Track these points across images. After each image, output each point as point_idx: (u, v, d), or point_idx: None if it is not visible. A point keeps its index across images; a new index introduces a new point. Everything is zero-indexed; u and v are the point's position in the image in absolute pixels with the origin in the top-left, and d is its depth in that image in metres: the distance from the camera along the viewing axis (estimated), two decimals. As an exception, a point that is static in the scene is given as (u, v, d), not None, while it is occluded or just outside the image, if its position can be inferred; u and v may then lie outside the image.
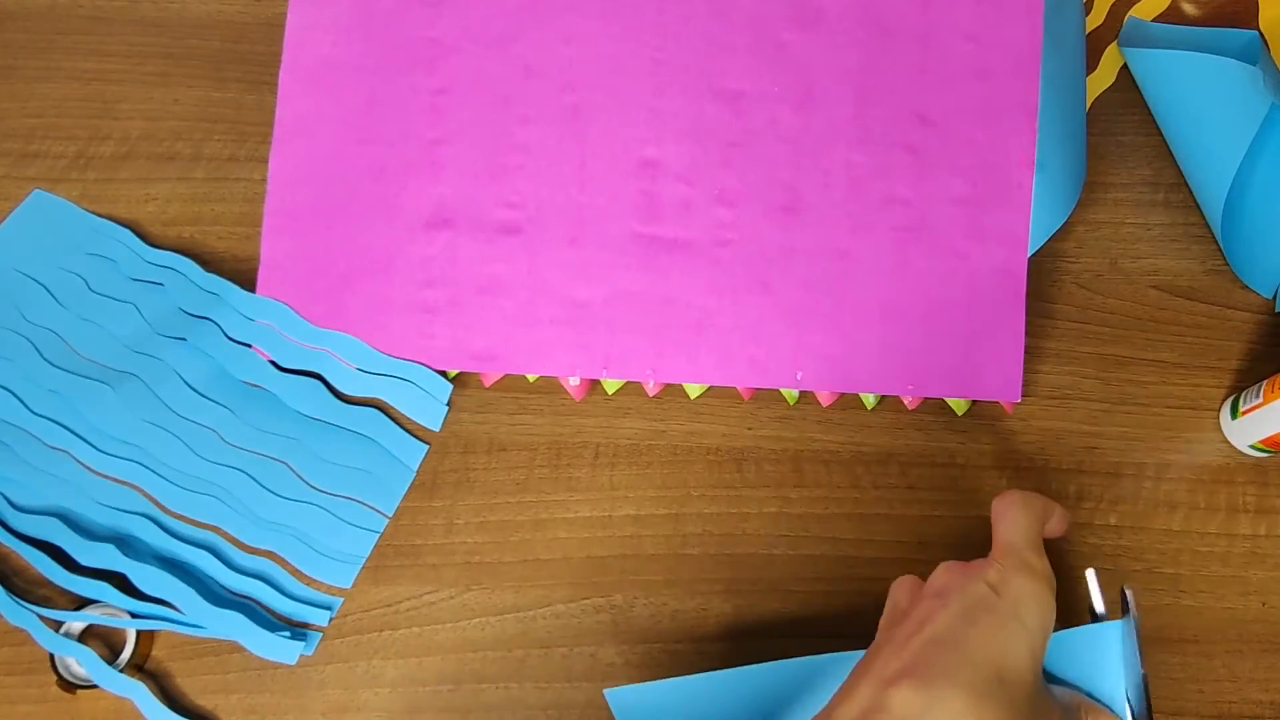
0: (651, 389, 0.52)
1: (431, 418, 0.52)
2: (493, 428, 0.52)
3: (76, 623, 0.48)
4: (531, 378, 0.52)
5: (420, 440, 0.52)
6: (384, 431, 0.52)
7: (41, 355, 0.52)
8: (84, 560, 0.48)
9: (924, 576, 0.42)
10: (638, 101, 0.51)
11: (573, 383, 0.52)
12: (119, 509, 0.50)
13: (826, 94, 0.50)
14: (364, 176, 0.52)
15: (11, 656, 0.49)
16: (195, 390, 0.52)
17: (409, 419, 0.52)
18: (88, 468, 0.50)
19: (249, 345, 0.53)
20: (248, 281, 0.53)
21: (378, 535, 0.51)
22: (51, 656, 0.48)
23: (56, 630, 0.48)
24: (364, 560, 0.50)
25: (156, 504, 0.50)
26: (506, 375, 0.52)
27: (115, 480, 0.50)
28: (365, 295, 0.51)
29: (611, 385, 0.52)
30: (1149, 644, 0.48)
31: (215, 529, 0.50)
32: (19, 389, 0.52)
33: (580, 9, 0.51)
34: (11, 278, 0.54)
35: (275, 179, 0.52)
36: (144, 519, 0.50)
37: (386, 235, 0.51)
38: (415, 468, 0.51)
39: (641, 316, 0.50)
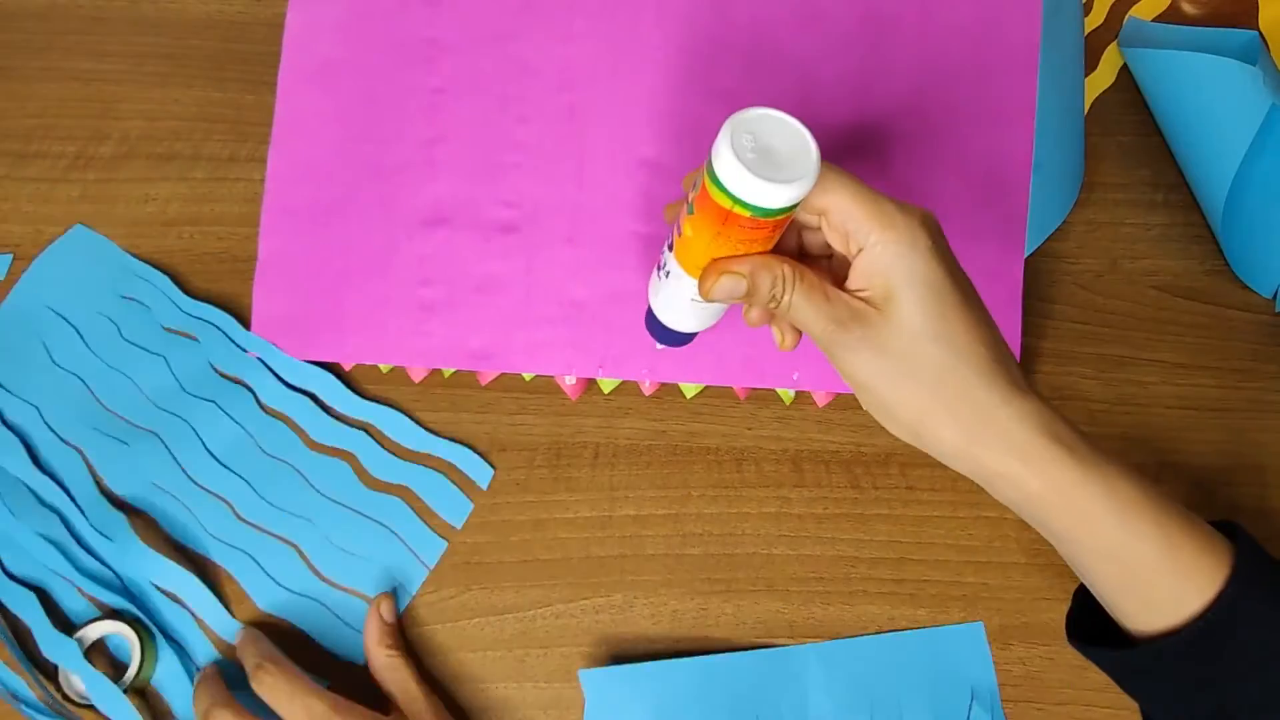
0: (648, 388, 0.52)
1: (456, 514, 0.51)
2: (492, 428, 0.52)
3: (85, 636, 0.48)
4: (528, 376, 0.52)
5: (440, 537, 0.50)
6: (405, 523, 0.50)
7: (63, 403, 0.52)
8: (46, 651, 0.47)
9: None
10: (636, 101, 0.51)
11: (569, 381, 0.52)
12: (98, 599, 0.49)
13: (824, 94, 0.50)
14: (362, 175, 0.52)
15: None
16: (215, 458, 0.51)
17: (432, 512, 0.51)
18: (77, 539, 0.49)
19: (284, 415, 0.52)
20: (246, 281, 0.53)
21: None
22: (55, 669, 0.47)
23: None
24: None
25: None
26: (503, 374, 0.52)
27: (100, 561, 0.49)
28: (362, 293, 0.51)
29: (607, 384, 0.52)
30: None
31: (201, 622, 0.49)
32: (34, 438, 0.51)
33: (579, 8, 0.51)
34: (43, 315, 0.53)
35: (273, 178, 0.52)
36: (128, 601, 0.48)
37: (384, 233, 0.51)
38: (431, 565, 0.50)
39: (638, 316, 0.50)
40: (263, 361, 0.52)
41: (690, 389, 0.52)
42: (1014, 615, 0.49)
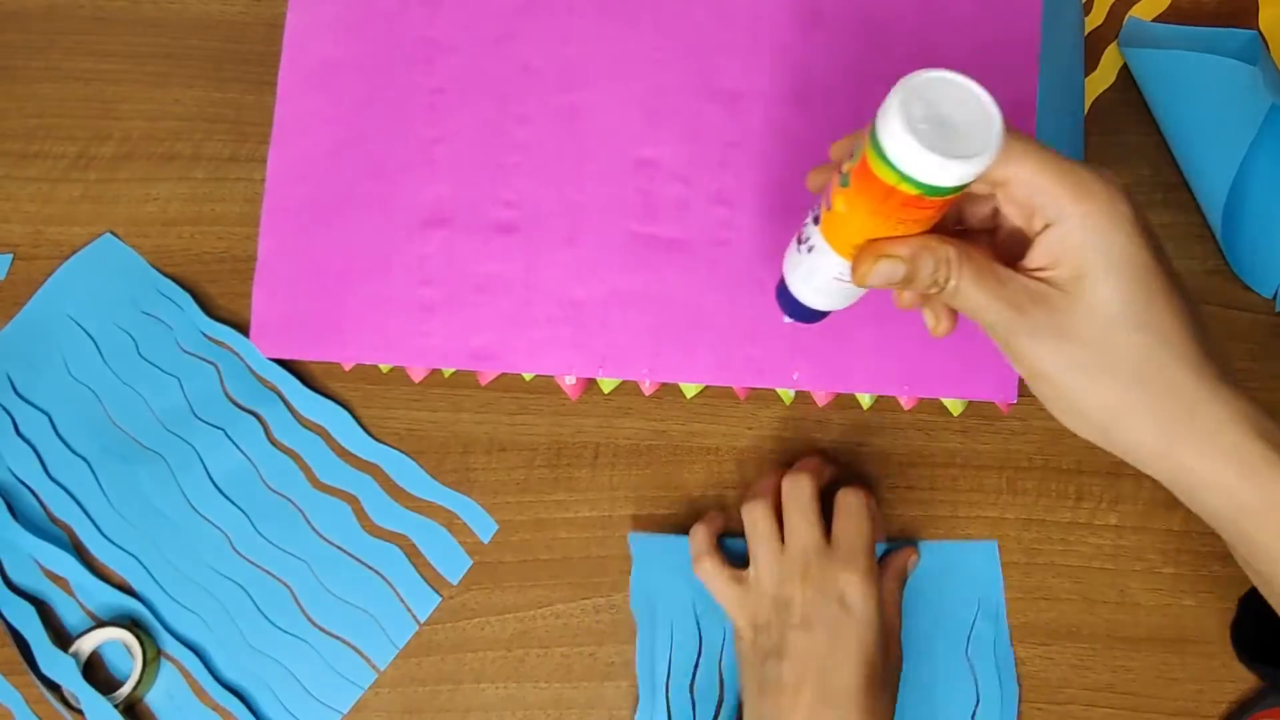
0: (648, 388, 0.52)
1: (454, 569, 0.50)
2: (493, 428, 0.52)
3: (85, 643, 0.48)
4: (528, 376, 0.52)
5: (435, 591, 0.50)
6: (400, 574, 0.50)
7: (75, 416, 0.52)
8: (45, 668, 0.47)
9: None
10: (635, 101, 0.51)
11: (569, 381, 0.52)
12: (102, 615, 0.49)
13: (824, 94, 0.50)
14: (362, 175, 0.52)
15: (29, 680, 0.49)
16: (217, 487, 0.51)
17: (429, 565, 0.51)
18: (85, 551, 0.50)
19: (292, 451, 0.51)
20: (246, 281, 0.53)
21: (362, 692, 0.49)
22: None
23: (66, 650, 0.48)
24: (342, 716, 0.48)
25: (147, 607, 0.49)
26: (503, 374, 0.52)
27: (109, 572, 0.50)
28: (362, 293, 0.51)
29: (608, 384, 0.52)
30: (1145, 644, 0.48)
31: (195, 652, 0.49)
32: (44, 449, 0.51)
33: (578, 9, 0.51)
34: (63, 325, 0.53)
35: (273, 177, 0.52)
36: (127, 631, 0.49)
37: (384, 233, 0.51)
38: (423, 619, 0.49)
39: (638, 316, 0.50)
40: (278, 393, 0.52)
41: (690, 389, 0.52)
42: (1014, 615, 0.49)
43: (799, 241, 0.38)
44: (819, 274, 0.37)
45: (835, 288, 0.37)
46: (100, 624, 0.48)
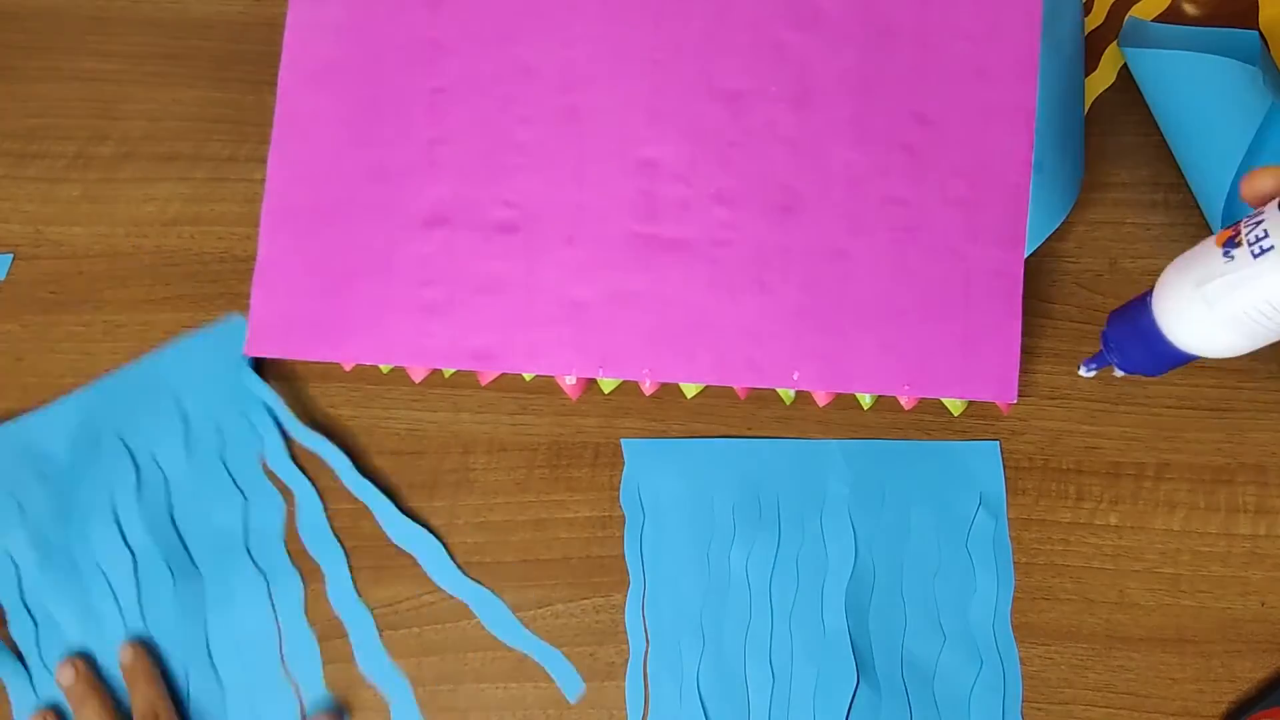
0: (648, 388, 0.52)
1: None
2: (493, 428, 0.52)
3: None
4: (528, 376, 0.52)
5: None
6: None
7: (139, 498, 0.50)
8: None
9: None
10: (636, 101, 0.51)
11: (569, 381, 0.52)
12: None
13: (825, 94, 0.50)
14: (362, 175, 0.52)
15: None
16: (236, 642, 0.49)
17: None
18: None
19: (339, 624, 0.49)
20: (246, 281, 0.53)
21: None
22: None
23: None
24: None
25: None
26: (503, 374, 0.52)
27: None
28: (363, 294, 0.51)
29: (608, 384, 0.52)
30: (1145, 644, 0.48)
31: None
32: (98, 524, 0.50)
33: (579, 9, 0.51)
34: (165, 400, 0.52)
35: (274, 178, 0.52)
36: None
37: (385, 234, 0.52)
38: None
39: (638, 316, 0.50)
40: (343, 547, 0.50)
41: (690, 389, 0.52)
42: (1014, 615, 0.49)
43: (1226, 250, 0.28)
44: (1250, 294, 0.28)
45: (1254, 323, 0.28)
46: None
